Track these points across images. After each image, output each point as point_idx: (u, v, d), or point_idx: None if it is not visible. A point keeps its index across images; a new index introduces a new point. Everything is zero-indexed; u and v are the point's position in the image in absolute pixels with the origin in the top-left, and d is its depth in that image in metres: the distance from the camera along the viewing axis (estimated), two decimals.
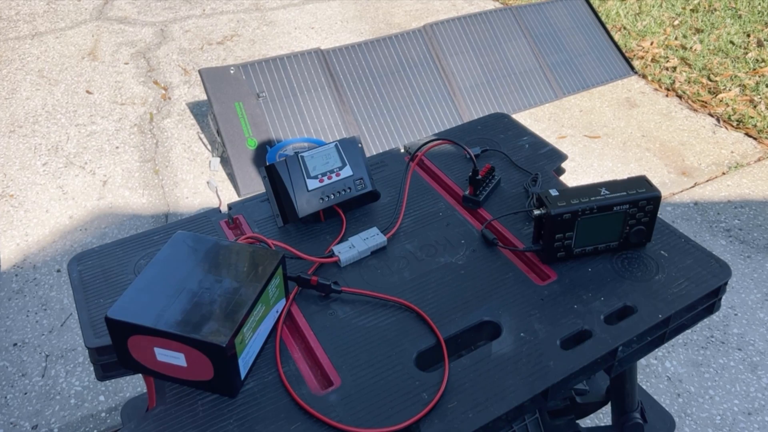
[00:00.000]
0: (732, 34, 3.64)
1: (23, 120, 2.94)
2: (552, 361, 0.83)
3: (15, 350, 1.90)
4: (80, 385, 1.80)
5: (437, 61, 2.98)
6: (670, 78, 3.26)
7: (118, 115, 2.98)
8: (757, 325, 1.96)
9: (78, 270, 0.97)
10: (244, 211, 1.10)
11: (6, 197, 2.49)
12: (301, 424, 0.76)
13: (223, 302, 0.79)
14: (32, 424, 1.70)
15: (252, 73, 2.71)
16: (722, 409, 1.72)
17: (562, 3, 3.39)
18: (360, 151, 1.08)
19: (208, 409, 0.78)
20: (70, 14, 3.91)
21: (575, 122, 2.97)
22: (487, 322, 0.89)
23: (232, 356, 0.76)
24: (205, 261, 0.85)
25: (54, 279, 2.13)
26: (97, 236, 2.31)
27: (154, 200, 2.49)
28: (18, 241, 2.29)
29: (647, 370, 1.83)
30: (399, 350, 0.85)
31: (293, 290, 0.93)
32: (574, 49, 3.26)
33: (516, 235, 1.04)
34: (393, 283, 0.95)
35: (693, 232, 2.32)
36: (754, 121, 2.91)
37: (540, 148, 1.25)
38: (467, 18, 3.15)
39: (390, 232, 1.04)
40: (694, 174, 2.63)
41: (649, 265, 0.97)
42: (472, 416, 0.76)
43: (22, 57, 3.45)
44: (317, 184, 1.03)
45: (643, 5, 4.01)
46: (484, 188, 1.11)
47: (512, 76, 3.07)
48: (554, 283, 0.94)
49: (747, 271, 2.14)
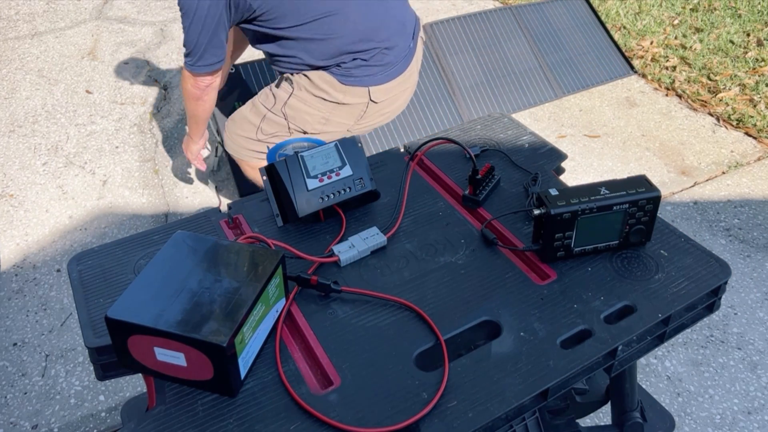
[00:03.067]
0: (732, 33, 3.64)
1: (23, 120, 2.94)
2: (552, 360, 0.83)
3: (15, 350, 1.90)
4: (80, 385, 1.80)
5: (437, 61, 2.98)
6: (669, 77, 3.25)
7: (117, 115, 2.98)
8: (756, 324, 1.96)
9: (78, 270, 0.97)
10: (244, 211, 1.10)
11: (6, 197, 2.49)
12: (300, 423, 0.76)
13: (223, 302, 0.79)
14: (32, 424, 1.70)
15: (252, 73, 2.71)
16: (722, 409, 1.72)
17: (562, 2, 3.39)
18: (360, 150, 1.08)
19: (208, 409, 0.78)
20: (70, 14, 3.91)
21: (575, 122, 2.97)
22: (487, 322, 0.89)
23: (232, 356, 0.76)
24: (205, 261, 0.85)
25: (54, 279, 2.13)
26: (97, 236, 2.31)
27: (153, 200, 2.49)
28: (18, 240, 2.29)
29: (647, 370, 1.83)
30: (399, 350, 0.85)
31: (293, 290, 0.93)
32: (573, 49, 3.26)
33: (516, 234, 1.04)
34: (393, 282, 0.95)
35: (693, 232, 2.32)
36: (753, 121, 2.91)
37: (540, 147, 1.25)
38: (467, 17, 3.15)
39: (390, 231, 1.04)
40: (694, 173, 2.63)
41: (649, 264, 0.97)
42: (471, 416, 0.77)
43: (21, 57, 3.45)
44: (317, 183, 1.03)
45: (643, 5, 4.01)
46: (484, 188, 1.11)
47: (512, 76, 3.07)
48: (554, 283, 0.94)
49: (747, 271, 2.14)
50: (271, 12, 1.63)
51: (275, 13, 1.63)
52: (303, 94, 1.78)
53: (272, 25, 1.67)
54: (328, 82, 1.74)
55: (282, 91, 1.82)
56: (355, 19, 1.67)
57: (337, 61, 1.72)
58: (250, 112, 1.91)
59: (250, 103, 1.92)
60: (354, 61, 1.71)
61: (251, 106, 1.91)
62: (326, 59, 1.71)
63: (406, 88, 1.88)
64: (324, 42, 1.68)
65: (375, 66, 1.73)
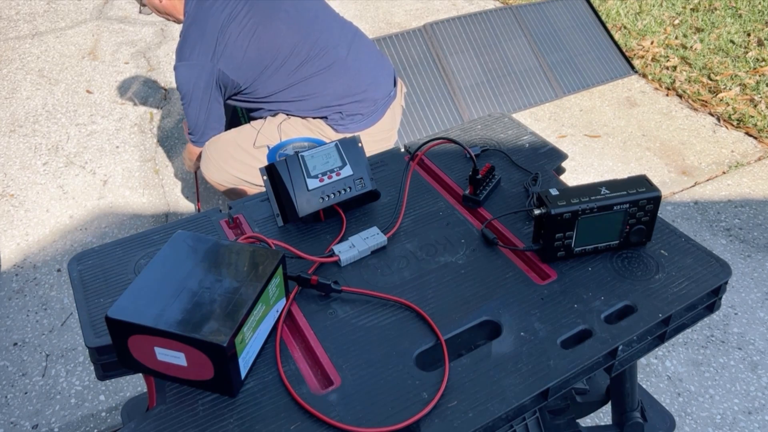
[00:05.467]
0: (732, 33, 3.64)
1: (23, 120, 2.94)
2: (552, 360, 0.83)
3: (15, 350, 1.90)
4: (80, 385, 1.80)
5: (437, 61, 2.98)
6: (670, 77, 3.25)
7: (118, 115, 2.98)
8: (757, 324, 1.96)
9: (78, 269, 0.97)
10: (244, 211, 1.10)
11: (6, 197, 2.49)
12: (301, 423, 0.76)
13: (223, 302, 0.79)
14: (32, 424, 1.70)
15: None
16: (722, 408, 1.72)
17: (562, 2, 3.39)
18: (360, 150, 1.08)
19: (209, 409, 0.78)
20: (71, 14, 3.91)
21: (575, 121, 2.97)
22: (487, 322, 0.89)
23: (232, 356, 0.76)
24: (206, 260, 0.85)
25: (54, 278, 2.13)
26: (97, 236, 2.31)
27: (154, 200, 2.49)
28: (18, 240, 2.29)
29: (647, 370, 1.83)
30: (399, 350, 0.85)
31: (293, 290, 0.93)
32: (574, 49, 3.26)
33: (516, 234, 1.04)
34: (393, 282, 0.95)
35: (693, 232, 2.32)
36: (754, 121, 2.91)
37: (540, 147, 1.25)
38: (467, 17, 3.15)
39: (390, 231, 1.04)
40: (695, 173, 2.63)
41: (650, 264, 0.97)
42: (472, 415, 0.77)
43: (22, 57, 3.45)
44: (317, 183, 1.03)
45: (644, 4, 4.01)
46: (484, 188, 1.11)
47: (512, 76, 3.07)
48: (554, 283, 0.94)
49: (747, 271, 2.14)
50: (255, 84, 1.81)
51: (258, 85, 1.81)
52: (298, 125, 1.91)
53: (256, 96, 1.85)
54: (322, 126, 1.90)
55: (277, 118, 1.93)
56: (333, 79, 1.83)
57: (324, 114, 1.88)
58: (239, 134, 1.92)
59: (237, 129, 1.95)
60: (338, 114, 1.87)
61: (239, 130, 1.94)
62: (314, 111, 1.87)
63: (387, 147, 1.98)
64: (307, 100, 1.85)
65: (357, 115, 1.88)
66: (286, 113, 1.91)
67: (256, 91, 1.84)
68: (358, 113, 1.87)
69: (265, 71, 1.79)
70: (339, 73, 1.84)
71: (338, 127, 1.88)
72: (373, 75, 1.90)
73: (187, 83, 1.77)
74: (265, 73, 1.79)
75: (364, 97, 1.87)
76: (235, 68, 1.76)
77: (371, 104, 1.89)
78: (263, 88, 1.83)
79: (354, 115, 1.87)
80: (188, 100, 1.81)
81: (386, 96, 1.93)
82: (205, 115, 1.84)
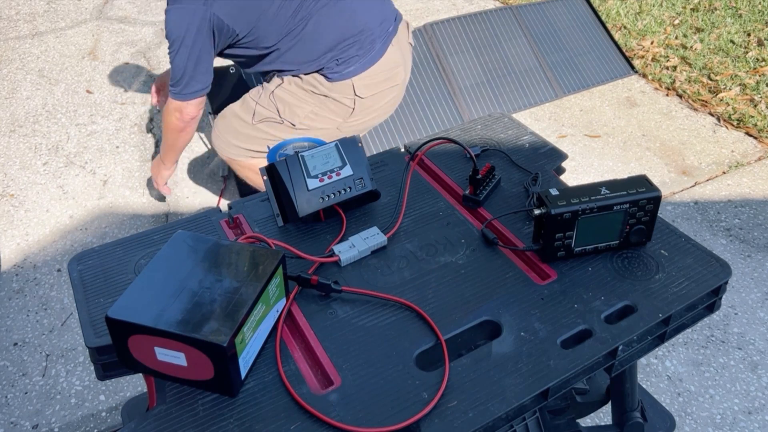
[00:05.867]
0: (732, 33, 3.64)
1: (23, 120, 2.94)
2: (552, 360, 0.83)
3: (15, 350, 1.90)
4: (81, 385, 1.80)
5: (437, 61, 2.98)
6: (670, 77, 3.25)
7: (118, 115, 2.98)
8: (757, 324, 1.96)
9: (78, 269, 0.97)
10: (244, 211, 1.10)
11: (6, 197, 2.49)
12: (301, 423, 0.76)
13: (223, 302, 0.79)
14: (33, 424, 1.70)
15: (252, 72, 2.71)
16: (722, 408, 1.72)
17: (562, 2, 3.39)
18: (360, 150, 1.08)
19: (209, 409, 0.78)
20: (71, 14, 3.91)
21: (575, 121, 2.97)
22: (488, 322, 0.89)
23: (232, 356, 0.76)
24: (206, 260, 0.85)
25: (54, 278, 2.13)
26: (97, 236, 2.31)
27: (154, 200, 2.49)
28: (18, 240, 2.29)
29: (647, 370, 1.83)
30: (399, 350, 0.85)
31: (293, 290, 0.93)
32: (574, 49, 3.26)
33: (516, 234, 1.04)
34: (393, 282, 0.95)
35: (693, 232, 2.32)
36: (754, 121, 2.91)
37: (540, 147, 1.25)
38: (467, 17, 3.15)
39: (390, 231, 1.04)
40: (695, 173, 2.63)
41: (650, 264, 0.97)
42: (472, 415, 0.77)
43: (22, 57, 3.45)
44: (317, 183, 1.03)
45: (644, 4, 4.01)
46: (484, 188, 1.11)
47: (512, 76, 3.07)
48: (554, 283, 0.94)
49: (747, 271, 2.14)
50: (252, 33, 1.73)
51: (256, 33, 1.73)
52: (292, 87, 1.85)
53: (255, 45, 1.77)
54: (316, 79, 1.83)
55: (272, 84, 1.89)
56: (327, 21, 1.76)
57: (320, 65, 1.81)
58: (241, 107, 1.96)
59: (241, 100, 1.98)
60: (334, 61, 1.80)
61: (242, 102, 1.98)
62: (309, 63, 1.81)
63: (393, 85, 1.93)
64: (303, 50, 1.78)
65: (353, 57, 1.81)
66: (279, 73, 1.85)
67: (254, 41, 1.75)
68: (354, 55, 1.80)
69: (262, 16, 1.70)
70: (332, 15, 1.76)
71: (333, 75, 1.80)
72: (370, 13, 1.82)
73: (179, 27, 1.67)
74: (262, 19, 1.71)
75: (359, 38, 1.79)
76: (230, 13, 1.68)
77: (368, 44, 1.81)
78: (262, 37, 1.74)
79: (350, 59, 1.80)
80: (177, 46, 1.69)
81: (384, 33, 1.85)
82: (194, 64, 1.72)
